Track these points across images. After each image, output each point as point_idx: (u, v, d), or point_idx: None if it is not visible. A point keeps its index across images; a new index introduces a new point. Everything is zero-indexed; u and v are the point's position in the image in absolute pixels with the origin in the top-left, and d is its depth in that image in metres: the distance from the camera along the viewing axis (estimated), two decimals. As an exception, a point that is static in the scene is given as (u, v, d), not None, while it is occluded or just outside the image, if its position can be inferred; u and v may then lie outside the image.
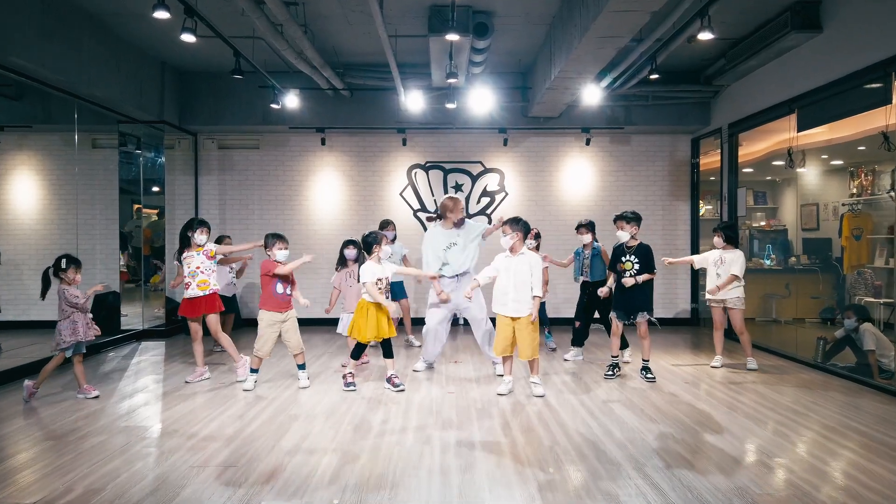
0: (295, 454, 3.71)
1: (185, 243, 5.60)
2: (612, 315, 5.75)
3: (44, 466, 3.52)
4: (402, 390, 5.20)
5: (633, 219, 5.69)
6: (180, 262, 5.63)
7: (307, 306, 5.42)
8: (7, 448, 3.87)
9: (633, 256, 5.61)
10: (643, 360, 5.71)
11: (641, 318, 5.59)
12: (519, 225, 5.08)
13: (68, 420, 4.41)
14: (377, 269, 5.16)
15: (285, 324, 5.32)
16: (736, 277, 6.00)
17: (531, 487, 3.22)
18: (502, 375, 5.73)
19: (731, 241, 6.16)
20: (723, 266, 6.11)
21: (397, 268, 5.35)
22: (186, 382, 5.50)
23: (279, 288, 5.26)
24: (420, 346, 7.21)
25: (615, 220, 5.78)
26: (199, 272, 5.54)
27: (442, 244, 5.82)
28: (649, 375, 5.62)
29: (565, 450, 3.78)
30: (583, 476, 3.39)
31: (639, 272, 5.56)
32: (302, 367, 5.44)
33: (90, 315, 5.05)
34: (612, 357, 5.81)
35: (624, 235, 5.67)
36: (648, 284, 5.62)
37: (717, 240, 6.17)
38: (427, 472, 3.44)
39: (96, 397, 4.98)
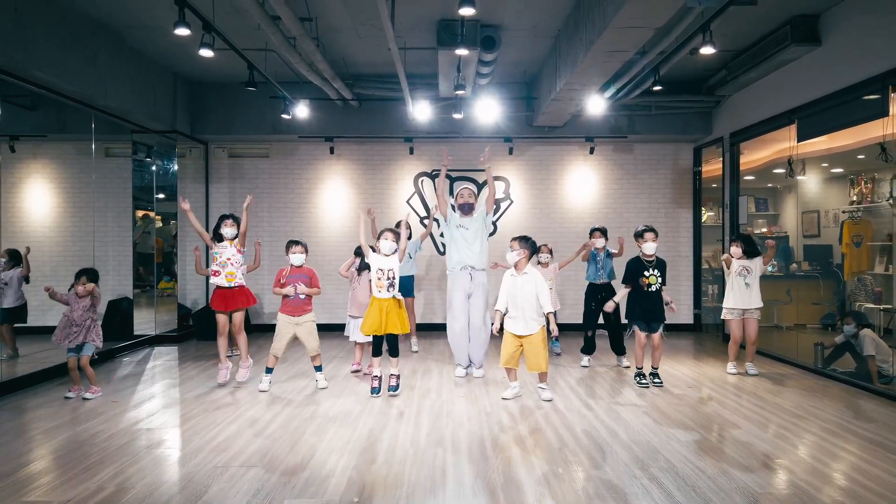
0: (313, 456, 3.86)
1: (220, 238, 5.78)
2: (636, 328, 5.85)
3: (72, 466, 3.66)
4: (395, 394, 5.35)
5: (657, 232, 5.86)
6: (214, 242, 5.77)
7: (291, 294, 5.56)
8: (33, 450, 4.02)
9: (655, 270, 5.78)
10: (653, 367, 5.87)
11: (661, 331, 5.80)
12: (527, 243, 5.22)
13: (91, 423, 4.56)
14: (377, 261, 5.35)
15: (299, 328, 5.50)
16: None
17: (542, 486, 3.36)
18: (464, 376, 5.95)
19: (749, 253, 6.25)
20: (750, 276, 6.22)
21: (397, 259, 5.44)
22: (220, 385, 5.68)
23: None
24: (417, 352, 7.44)
25: (642, 234, 5.80)
26: (229, 263, 5.72)
27: (454, 222, 6.16)
28: (656, 380, 5.78)
29: (573, 451, 3.93)
30: (591, 475, 3.53)
31: (660, 286, 5.76)
32: (319, 368, 5.64)
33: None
34: (637, 368, 5.93)
35: (652, 248, 5.77)
36: (661, 296, 5.83)
37: (736, 249, 6.27)
38: (441, 472, 3.58)
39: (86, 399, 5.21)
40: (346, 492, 3.30)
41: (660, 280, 5.77)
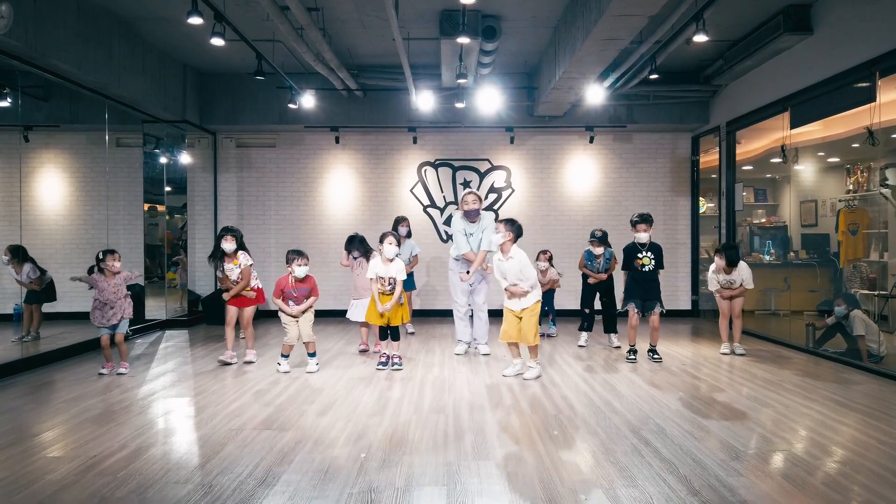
0: (322, 420, 4.07)
1: (223, 252, 5.91)
2: (630, 306, 6.10)
3: (97, 429, 3.89)
4: (399, 369, 5.60)
5: (651, 221, 6.15)
6: (221, 268, 5.96)
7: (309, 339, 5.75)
8: (58, 415, 4.24)
9: (648, 252, 6.05)
10: (651, 344, 6.12)
11: (656, 310, 6.04)
12: (513, 226, 5.35)
13: (110, 394, 4.80)
14: (379, 269, 5.56)
15: (300, 316, 5.72)
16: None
17: (538, 445, 3.57)
18: (464, 353, 6.25)
19: (734, 263, 6.35)
20: (738, 274, 6.40)
21: (403, 266, 5.69)
22: (219, 361, 5.91)
23: (292, 303, 5.69)
24: (413, 333, 7.67)
25: (635, 225, 6.10)
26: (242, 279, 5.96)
27: (460, 228, 6.34)
28: (655, 356, 6.04)
29: (568, 417, 4.14)
30: (583, 436, 3.74)
31: (655, 267, 6.05)
32: (312, 354, 5.79)
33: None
34: (630, 346, 6.17)
35: (645, 237, 6.07)
36: (657, 278, 6.10)
37: (720, 262, 6.39)
38: (443, 433, 3.80)
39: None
40: (354, 449, 3.52)
41: (653, 261, 6.04)
